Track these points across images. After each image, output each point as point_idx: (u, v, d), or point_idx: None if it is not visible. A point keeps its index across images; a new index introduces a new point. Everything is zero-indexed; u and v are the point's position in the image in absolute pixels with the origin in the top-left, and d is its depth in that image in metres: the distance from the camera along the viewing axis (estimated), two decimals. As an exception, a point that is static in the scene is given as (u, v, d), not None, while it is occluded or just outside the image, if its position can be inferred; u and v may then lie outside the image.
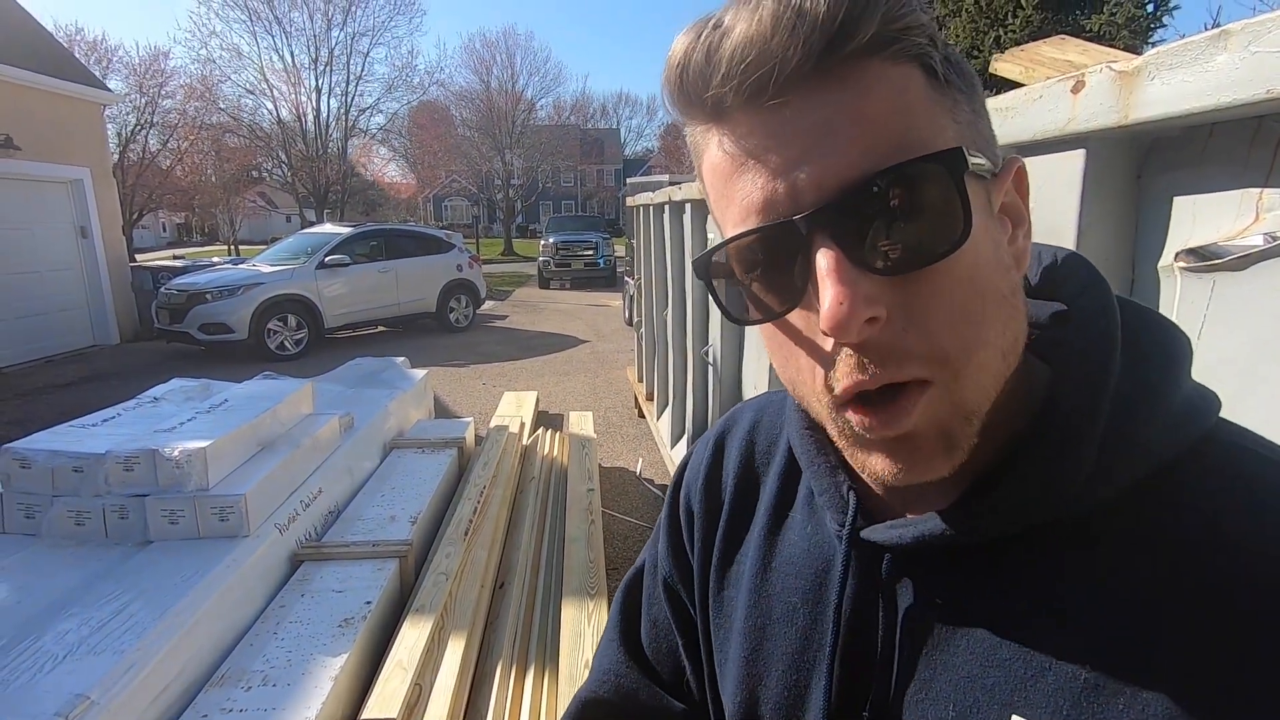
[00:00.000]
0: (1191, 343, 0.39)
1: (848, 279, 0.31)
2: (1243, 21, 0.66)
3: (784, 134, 0.32)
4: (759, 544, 0.49)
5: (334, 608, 2.14)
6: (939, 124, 0.33)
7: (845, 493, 0.43)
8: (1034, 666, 0.34)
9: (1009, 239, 0.37)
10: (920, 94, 0.33)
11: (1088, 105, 0.84)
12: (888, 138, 0.32)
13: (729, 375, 3.00)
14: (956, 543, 0.37)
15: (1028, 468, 0.35)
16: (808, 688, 0.43)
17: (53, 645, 1.66)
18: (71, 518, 2.17)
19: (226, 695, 1.76)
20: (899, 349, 0.32)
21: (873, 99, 0.32)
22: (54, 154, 8.41)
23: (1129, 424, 0.35)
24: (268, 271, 8.40)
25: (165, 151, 19.30)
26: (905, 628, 0.40)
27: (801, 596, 0.45)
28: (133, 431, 2.41)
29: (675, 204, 3.81)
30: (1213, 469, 0.35)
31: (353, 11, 22.11)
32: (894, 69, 0.32)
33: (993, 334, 0.34)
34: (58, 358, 8.27)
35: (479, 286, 10.47)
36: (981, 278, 0.33)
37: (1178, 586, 0.32)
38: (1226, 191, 0.77)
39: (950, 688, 0.37)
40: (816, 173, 0.32)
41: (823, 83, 0.32)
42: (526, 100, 29.67)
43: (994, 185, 0.36)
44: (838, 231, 0.32)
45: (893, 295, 0.32)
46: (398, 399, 3.86)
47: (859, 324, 0.31)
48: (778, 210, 0.33)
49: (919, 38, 0.33)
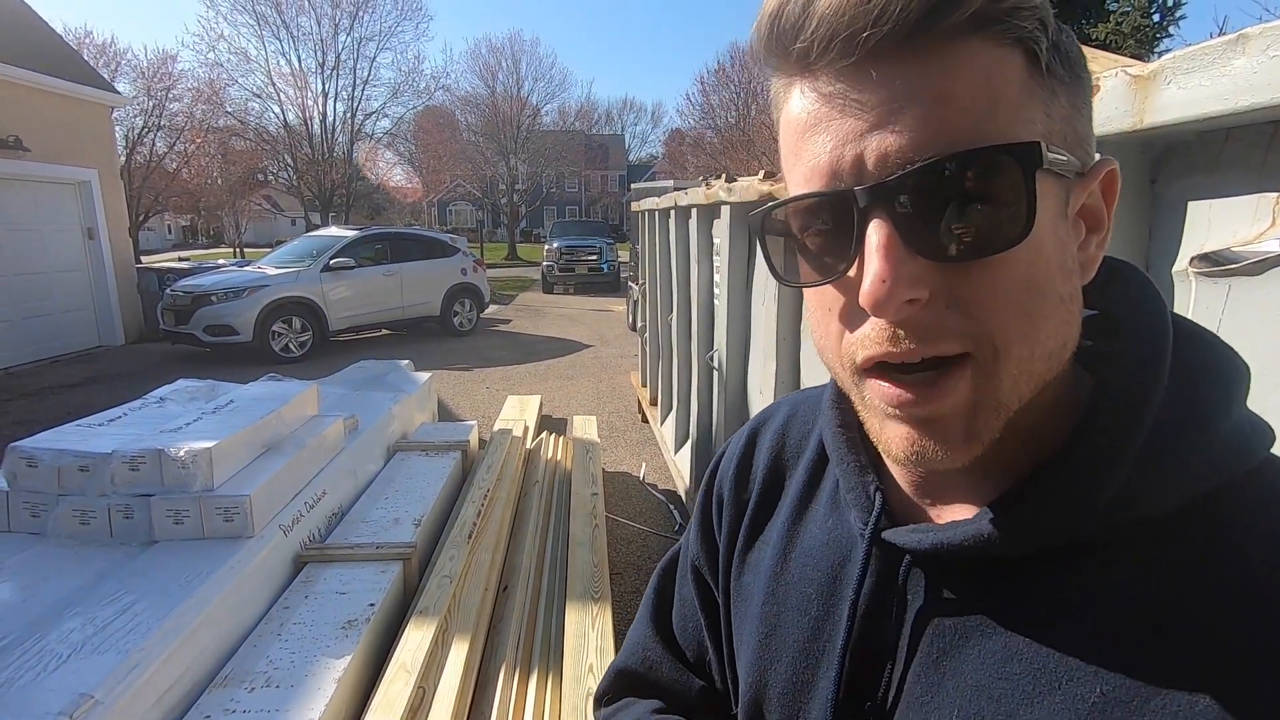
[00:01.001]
0: (1249, 369, 0.37)
1: (894, 258, 0.31)
2: (1261, 26, 0.65)
3: (862, 100, 0.32)
4: (781, 533, 0.50)
5: (338, 609, 2.14)
6: (1026, 114, 0.32)
7: (872, 493, 0.43)
8: (1043, 683, 0.34)
9: (1080, 243, 0.36)
10: (1014, 80, 0.32)
11: (1102, 109, 0.84)
12: (965, 121, 0.31)
13: (734, 381, 2.99)
14: (973, 555, 0.37)
15: (1054, 488, 0.35)
16: (814, 677, 0.44)
17: (57, 644, 1.66)
18: (77, 517, 2.17)
19: (230, 696, 1.76)
20: (938, 326, 0.32)
21: (960, 78, 0.31)
22: (62, 155, 8.46)
23: (1167, 449, 0.34)
24: (273, 274, 8.43)
25: (172, 154, 19.38)
26: (917, 630, 0.39)
27: (817, 588, 0.45)
28: (138, 431, 2.41)
29: (681, 209, 3.82)
30: (1251, 505, 0.33)
31: (360, 17, 22.26)
32: (992, 50, 0.31)
33: (1040, 334, 0.33)
34: (64, 358, 8.30)
35: (483, 290, 10.49)
36: (1039, 276, 0.32)
37: (1195, 619, 0.31)
38: (1242, 196, 0.77)
39: (957, 694, 0.36)
40: (884, 146, 0.31)
41: (913, 52, 0.31)
42: (531, 106, 29.76)
43: (1077, 186, 0.35)
44: (895, 209, 0.31)
45: (940, 279, 0.32)
46: (402, 402, 3.87)
47: (897, 304, 0.31)
48: (841, 178, 0.33)
49: (1027, 21, 0.31)
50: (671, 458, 4.22)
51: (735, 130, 23.26)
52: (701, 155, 25.67)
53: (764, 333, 2.45)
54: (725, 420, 3.04)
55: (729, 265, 2.85)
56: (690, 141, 28.50)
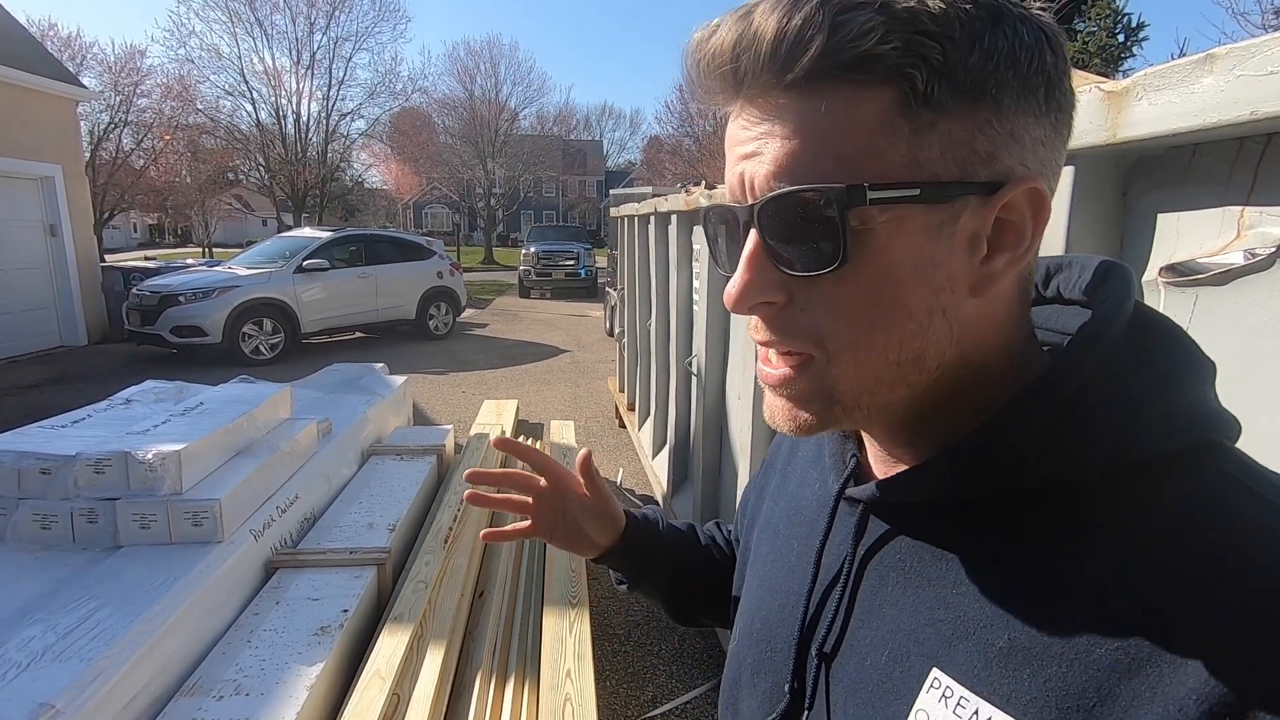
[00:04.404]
0: (1212, 362, 0.40)
1: (755, 267, 0.38)
2: (1227, 46, 0.68)
3: (746, 133, 0.37)
4: (792, 497, 0.58)
5: (310, 616, 2.10)
6: (879, 148, 0.34)
7: (848, 459, 0.49)
8: (961, 629, 0.37)
9: (983, 258, 0.37)
10: (871, 117, 0.34)
11: (1077, 124, 0.86)
12: (802, 158, 0.35)
13: (713, 386, 3.01)
14: (904, 501, 0.42)
15: (974, 446, 0.38)
16: (785, 617, 0.50)
17: (16, 653, 1.60)
18: (38, 521, 2.10)
19: (198, 705, 1.71)
20: (789, 326, 0.39)
21: (813, 117, 0.35)
22: (24, 150, 8.23)
23: (1088, 417, 0.36)
24: (244, 274, 8.28)
25: (139, 151, 18.93)
26: (862, 579, 0.44)
27: (799, 541, 0.53)
28: (104, 433, 2.35)
29: (660, 215, 3.84)
30: (1176, 480, 0.35)
31: (336, 16, 22.01)
32: (848, 91, 0.34)
33: (878, 344, 0.37)
34: (22, 358, 8.04)
35: (459, 294, 10.41)
36: (884, 294, 0.36)
37: (1092, 581, 0.34)
38: (1209, 209, 0.79)
39: (889, 635, 0.41)
40: (753, 174, 0.37)
41: (783, 93, 0.35)
42: (510, 110, 29.65)
43: (974, 205, 0.36)
44: (762, 226, 0.37)
45: (796, 288, 0.38)
46: (376, 406, 3.82)
47: (747, 304, 0.39)
48: (735, 195, 0.39)
49: (896, 59, 0.33)
50: (649, 463, 4.22)
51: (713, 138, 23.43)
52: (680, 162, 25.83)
53: (743, 338, 2.47)
54: (703, 425, 3.05)
55: (709, 271, 2.87)
56: (669, 148, 28.65)
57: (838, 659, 0.44)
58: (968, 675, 0.36)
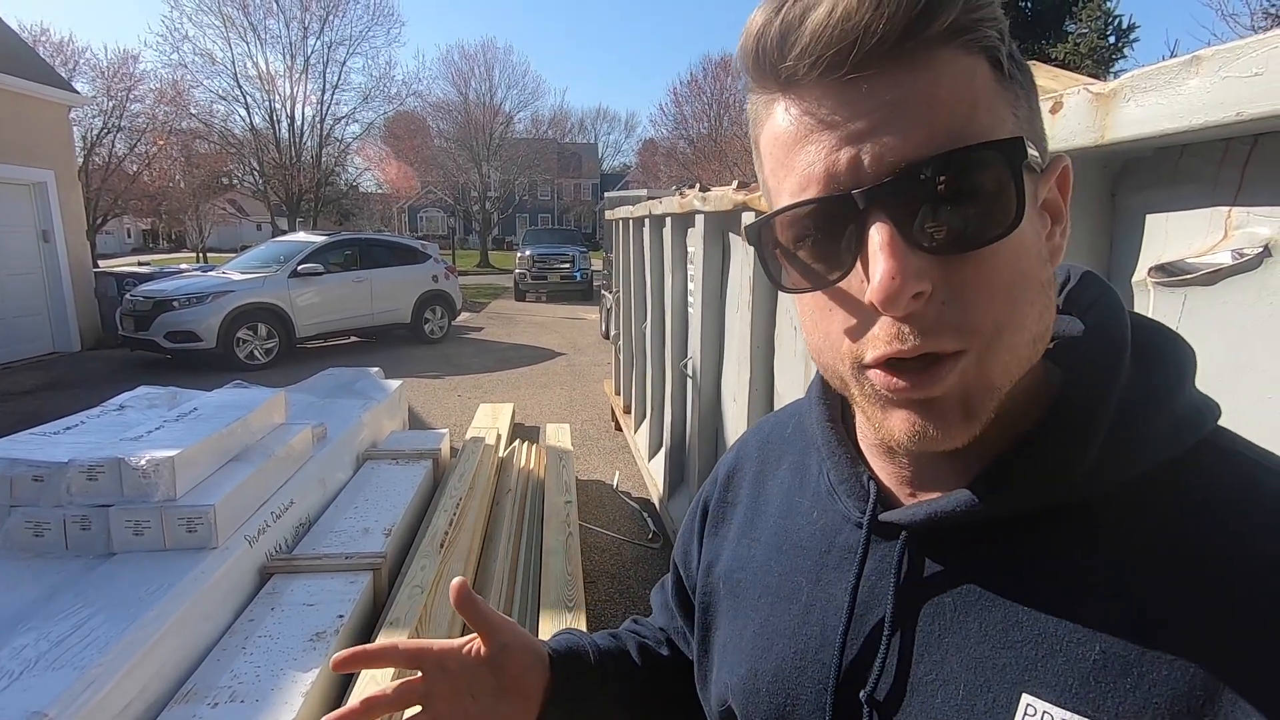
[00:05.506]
0: (1194, 353, 0.41)
1: (899, 254, 0.33)
2: (1213, 48, 0.69)
3: (854, 108, 0.33)
4: (772, 531, 0.52)
5: (305, 622, 2.09)
6: (1001, 115, 0.34)
7: (865, 481, 0.45)
8: (1044, 648, 0.35)
9: (1047, 234, 0.38)
10: (986, 84, 0.34)
11: (1066, 125, 0.87)
12: (953, 122, 0.33)
13: (708, 388, 3.01)
14: (966, 521, 0.38)
15: (1038, 452, 0.38)
16: (805, 663, 0.45)
17: (9, 661, 1.59)
18: (30, 529, 2.09)
19: (192, 712, 1.70)
20: (940, 322, 0.34)
21: (944, 83, 0.33)
22: (16, 155, 8.19)
23: (1134, 422, 0.37)
24: (238, 279, 8.26)
25: (132, 156, 18.85)
26: (915, 610, 0.40)
27: (806, 577, 0.47)
28: (97, 439, 2.33)
29: (656, 218, 3.84)
30: (1207, 469, 0.37)
31: (330, 21, 21.98)
32: (965, 57, 0.34)
33: (1027, 318, 0.35)
34: (15, 365, 8.00)
35: (455, 298, 10.40)
36: (1024, 264, 0.35)
37: (1171, 575, 0.34)
38: (1197, 210, 0.80)
39: (961, 668, 0.37)
40: (880, 149, 0.33)
41: (897, 63, 0.33)
42: (504, 113, 29.67)
43: (1041, 180, 0.37)
44: (894, 208, 0.33)
45: (938, 271, 0.33)
46: (372, 410, 3.80)
47: (907, 298, 0.33)
48: (838, 182, 0.34)
49: (991, 30, 0.34)
50: (645, 466, 4.22)
51: (708, 141, 23.48)
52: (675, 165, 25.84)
53: (738, 341, 2.47)
54: (699, 428, 3.05)
55: (703, 273, 2.87)
56: (663, 151, 28.67)
57: (899, 704, 0.40)
58: (1064, 695, 0.34)
